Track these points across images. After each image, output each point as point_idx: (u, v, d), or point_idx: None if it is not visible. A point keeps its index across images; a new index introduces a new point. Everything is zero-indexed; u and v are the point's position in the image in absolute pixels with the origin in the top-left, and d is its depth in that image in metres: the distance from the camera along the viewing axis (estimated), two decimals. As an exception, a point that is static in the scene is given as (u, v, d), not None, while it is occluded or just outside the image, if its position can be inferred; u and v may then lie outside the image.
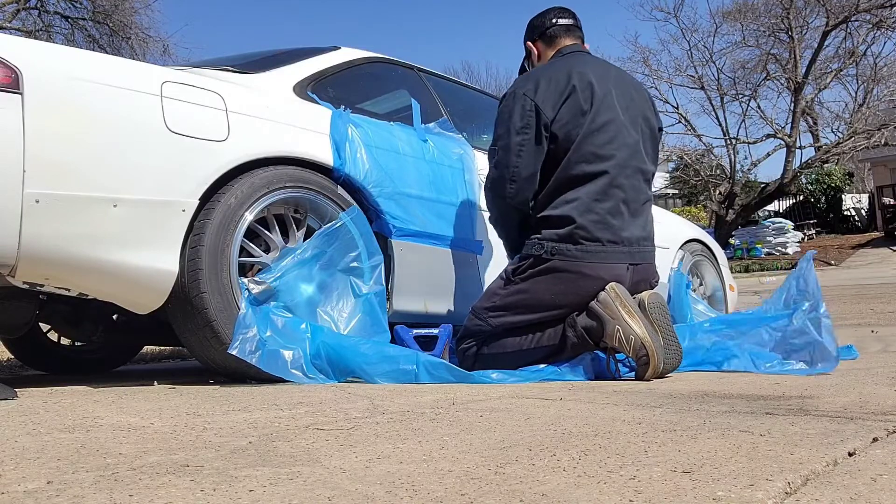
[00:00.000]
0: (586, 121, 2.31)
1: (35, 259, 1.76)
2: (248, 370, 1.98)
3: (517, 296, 2.32)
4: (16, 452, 1.09)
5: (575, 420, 1.37)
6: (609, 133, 2.33)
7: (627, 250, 2.32)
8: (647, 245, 2.42)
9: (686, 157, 19.67)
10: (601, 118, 2.33)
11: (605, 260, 2.27)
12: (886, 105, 18.24)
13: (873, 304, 6.58)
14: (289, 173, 2.22)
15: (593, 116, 2.32)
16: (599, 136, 2.31)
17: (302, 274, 2.22)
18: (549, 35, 2.58)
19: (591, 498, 0.85)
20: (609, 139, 2.32)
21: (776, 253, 18.09)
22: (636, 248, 2.35)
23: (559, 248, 2.27)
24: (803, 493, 0.86)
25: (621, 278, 2.29)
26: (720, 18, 18.89)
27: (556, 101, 2.32)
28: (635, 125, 2.43)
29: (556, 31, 2.58)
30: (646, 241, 2.41)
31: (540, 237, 2.31)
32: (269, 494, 0.87)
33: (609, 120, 2.34)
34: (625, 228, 2.32)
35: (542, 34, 2.60)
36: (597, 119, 2.32)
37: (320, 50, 2.77)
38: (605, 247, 2.27)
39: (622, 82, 2.48)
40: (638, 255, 2.36)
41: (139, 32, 16.87)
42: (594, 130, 2.31)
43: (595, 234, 2.26)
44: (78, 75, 1.86)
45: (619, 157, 2.33)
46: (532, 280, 2.30)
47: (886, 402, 1.53)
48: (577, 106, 2.31)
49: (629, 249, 2.32)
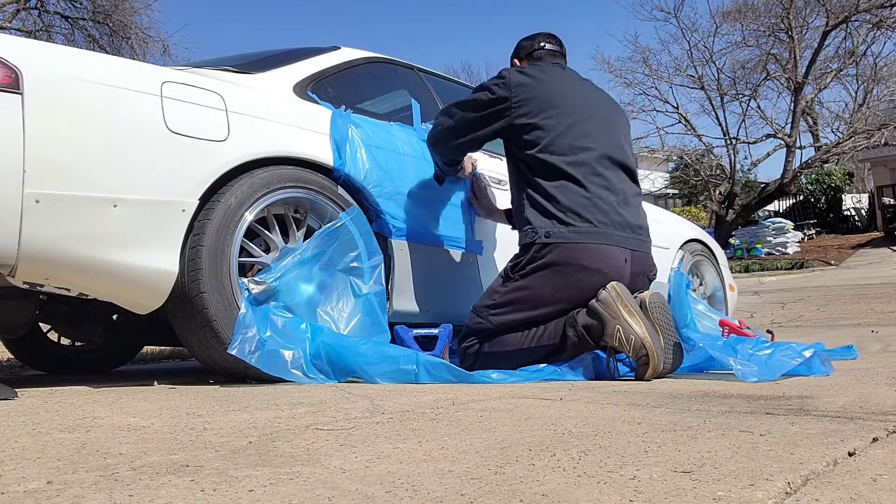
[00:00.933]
0: (566, 115, 2.39)
1: (35, 259, 1.76)
2: (248, 370, 1.98)
3: (517, 292, 2.33)
4: (16, 452, 1.09)
5: (575, 420, 1.37)
6: (587, 127, 2.42)
7: (623, 234, 2.35)
8: (643, 234, 2.46)
9: (686, 157, 19.65)
10: (580, 114, 2.43)
11: (601, 241, 2.29)
12: (886, 105, 18.22)
13: (873, 304, 6.59)
14: (289, 173, 2.22)
15: (572, 112, 2.41)
16: (577, 129, 2.39)
17: (302, 274, 2.22)
18: (535, 56, 2.68)
19: (591, 498, 0.85)
20: (587, 132, 2.41)
21: (776, 253, 18.08)
22: (630, 233, 2.38)
23: (552, 231, 2.29)
24: (803, 493, 0.86)
25: (621, 269, 2.30)
26: (720, 18, 18.88)
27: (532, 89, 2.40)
28: (614, 130, 2.52)
29: (542, 54, 2.67)
30: (640, 229, 2.45)
31: (531, 226, 2.34)
32: (269, 494, 0.87)
33: (588, 117, 2.44)
34: (615, 212, 2.35)
35: (528, 55, 2.69)
36: (575, 114, 2.41)
37: (320, 50, 2.77)
38: (596, 227, 2.30)
39: (601, 95, 2.63)
40: (633, 240, 2.39)
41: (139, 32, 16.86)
42: (572, 125, 2.39)
43: (584, 214, 2.30)
44: (78, 75, 1.86)
45: (599, 150, 2.40)
46: (532, 276, 2.31)
47: (886, 402, 1.53)
48: (553, 100, 2.41)
49: (623, 234, 2.35)
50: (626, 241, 2.36)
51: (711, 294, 4.15)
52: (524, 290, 2.32)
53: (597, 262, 2.27)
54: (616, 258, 2.31)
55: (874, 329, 4.51)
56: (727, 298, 4.15)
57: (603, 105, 2.56)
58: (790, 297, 8.25)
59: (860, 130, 16.94)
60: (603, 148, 2.42)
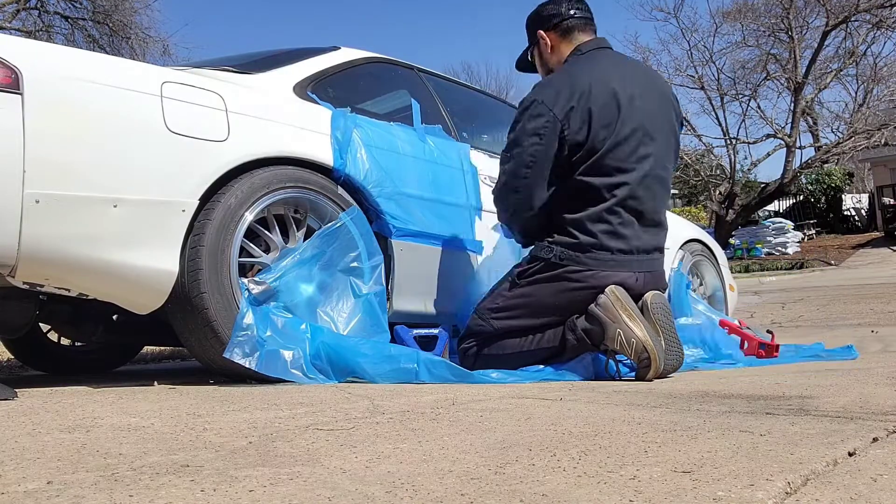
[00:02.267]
0: (610, 133, 2.24)
1: (35, 259, 1.76)
2: (247, 370, 1.98)
3: (521, 299, 2.32)
4: (16, 452, 1.09)
5: (575, 420, 1.37)
6: (631, 145, 2.26)
7: (636, 259, 2.30)
8: (657, 254, 2.39)
9: (686, 157, 19.64)
10: (625, 129, 2.26)
11: (614, 269, 2.25)
12: (886, 105, 18.21)
13: (873, 304, 6.58)
14: (289, 173, 2.22)
15: (617, 129, 2.24)
16: (622, 149, 2.25)
17: (302, 274, 2.22)
18: (566, 27, 2.45)
19: (591, 498, 0.85)
20: (631, 151, 2.26)
21: (776, 253, 18.08)
22: (644, 256, 2.33)
23: (568, 254, 2.25)
24: (803, 493, 0.86)
25: (629, 288, 2.25)
26: (720, 18, 18.87)
27: (576, 112, 2.23)
28: (659, 130, 2.36)
29: (573, 23, 2.45)
30: (656, 250, 2.39)
31: (552, 241, 2.30)
32: (269, 494, 0.87)
33: (632, 130, 2.27)
34: (637, 238, 2.29)
35: (556, 25, 2.46)
36: (620, 131, 2.25)
37: (320, 50, 2.77)
38: (614, 256, 2.25)
39: (646, 82, 2.40)
40: (647, 262, 2.33)
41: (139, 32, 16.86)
42: (617, 143, 2.24)
43: (606, 243, 2.24)
44: (78, 75, 1.86)
45: (641, 169, 2.28)
46: (538, 285, 2.30)
47: (886, 402, 1.53)
48: (599, 118, 2.24)
49: (638, 258, 2.30)
50: (640, 265, 2.31)
51: (711, 294, 4.15)
52: (528, 297, 2.31)
53: (605, 281, 2.24)
54: (626, 279, 2.27)
55: (874, 329, 4.51)
56: (727, 298, 4.15)
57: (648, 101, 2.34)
58: (790, 297, 8.25)
59: (860, 130, 16.93)
60: (645, 165, 2.29)
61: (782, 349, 3.08)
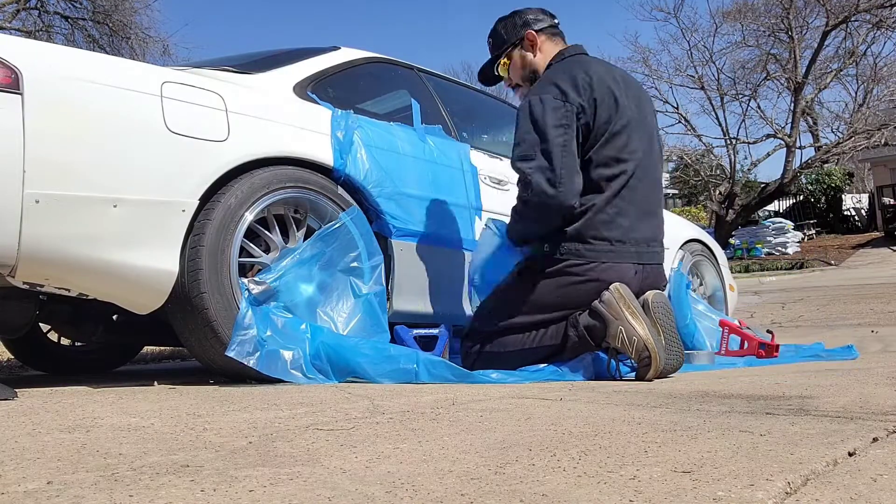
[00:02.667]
0: (609, 125, 2.30)
1: (35, 259, 1.76)
2: (248, 370, 1.97)
3: (523, 295, 2.32)
4: (16, 452, 1.09)
5: (575, 420, 1.37)
6: (626, 136, 2.33)
7: (635, 250, 2.33)
8: (656, 246, 2.42)
9: (686, 157, 19.65)
10: (620, 121, 2.32)
11: (613, 260, 2.27)
12: (886, 105, 18.21)
13: (873, 304, 6.58)
14: (289, 173, 2.22)
15: (615, 120, 2.31)
16: (618, 140, 2.31)
17: (302, 274, 2.22)
18: (553, 31, 2.56)
19: (591, 498, 0.85)
20: (626, 142, 2.33)
21: (776, 253, 18.07)
22: (643, 247, 2.35)
23: (569, 247, 2.28)
24: (803, 493, 0.86)
25: (629, 281, 2.28)
26: (720, 18, 18.87)
27: (586, 101, 2.29)
28: (646, 127, 2.43)
29: (558, 30, 2.58)
30: (654, 241, 2.41)
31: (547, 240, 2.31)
32: (269, 494, 0.87)
33: (626, 123, 2.34)
34: (634, 229, 2.32)
35: (544, 28, 2.55)
36: (617, 122, 2.32)
37: (320, 50, 2.77)
38: (612, 246, 2.28)
39: (630, 84, 2.47)
40: (646, 254, 2.36)
41: (139, 32, 16.85)
42: (614, 134, 2.31)
43: (603, 233, 2.27)
44: (78, 75, 1.86)
45: (636, 160, 2.34)
46: (540, 282, 2.30)
47: (886, 402, 1.53)
48: (601, 110, 2.30)
49: (637, 249, 2.33)
50: (640, 257, 2.34)
51: (711, 294, 4.15)
52: (530, 294, 2.32)
53: (606, 275, 2.26)
54: (625, 271, 2.30)
55: (874, 329, 4.51)
56: (727, 298, 4.15)
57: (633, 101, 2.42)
58: (790, 297, 8.25)
59: (860, 130, 16.92)
60: (639, 156, 2.35)
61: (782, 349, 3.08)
